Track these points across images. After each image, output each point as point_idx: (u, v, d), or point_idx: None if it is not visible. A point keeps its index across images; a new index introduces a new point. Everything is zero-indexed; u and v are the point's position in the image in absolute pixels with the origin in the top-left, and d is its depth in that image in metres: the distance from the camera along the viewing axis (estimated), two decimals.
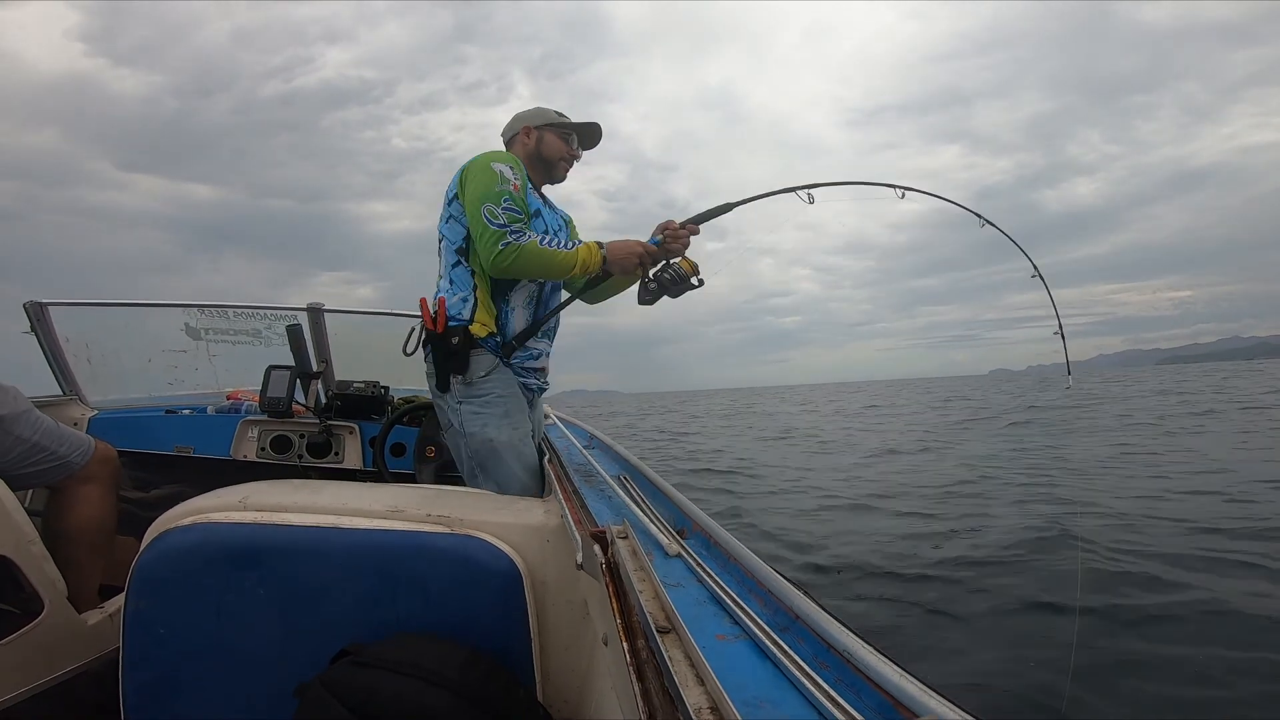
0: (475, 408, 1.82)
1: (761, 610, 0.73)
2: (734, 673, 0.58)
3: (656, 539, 1.01)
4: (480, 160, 1.84)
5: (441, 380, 1.85)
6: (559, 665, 1.18)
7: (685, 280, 1.87)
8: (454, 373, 1.82)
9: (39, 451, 1.69)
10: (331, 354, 3.14)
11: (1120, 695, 2.51)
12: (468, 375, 1.82)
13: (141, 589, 1.13)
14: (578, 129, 2.06)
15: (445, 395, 1.85)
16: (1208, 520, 4.84)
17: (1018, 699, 2.50)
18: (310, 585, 1.14)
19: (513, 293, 1.90)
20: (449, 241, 1.88)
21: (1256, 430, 11.07)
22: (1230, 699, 2.43)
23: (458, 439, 1.86)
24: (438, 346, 1.84)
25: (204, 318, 3.06)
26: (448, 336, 1.82)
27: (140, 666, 1.13)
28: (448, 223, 1.89)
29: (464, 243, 1.85)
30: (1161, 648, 2.85)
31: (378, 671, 0.96)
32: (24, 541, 1.52)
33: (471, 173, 1.82)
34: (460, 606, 1.14)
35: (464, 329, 1.82)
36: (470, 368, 1.82)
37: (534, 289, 1.95)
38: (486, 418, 1.81)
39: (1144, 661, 2.74)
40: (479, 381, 1.83)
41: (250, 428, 2.76)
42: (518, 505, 1.38)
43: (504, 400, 1.85)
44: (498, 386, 1.84)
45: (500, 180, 1.78)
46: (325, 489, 1.32)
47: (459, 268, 1.87)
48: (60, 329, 2.70)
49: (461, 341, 1.81)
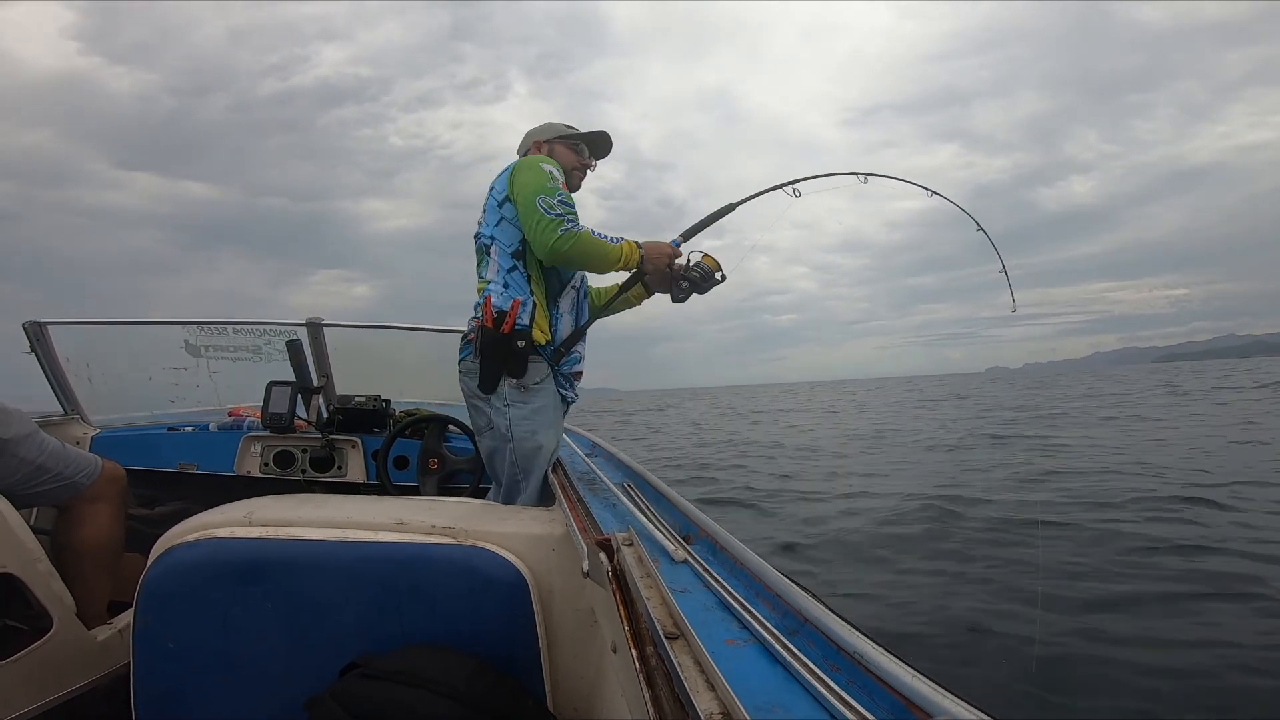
0: (526, 412, 1.83)
1: (770, 614, 0.73)
2: (744, 678, 0.58)
3: (662, 545, 1.00)
4: (530, 160, 1.89)
5: (488, 381, 1.83)
6: (567, 673, 1.18)
7: (711, 276, 2.02)
8: (508, 375, 1.81)
9: (44, 473, 1.69)
10: (332, 368, 3.14)
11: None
12: (524, 380, 1.82)
13: (149, 605, 1.13)
14: (586, 139, 2.11)
15: (490, 397, 1.84)
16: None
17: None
18: (317, 598, 1.14)
19: (561, 299, 1.93)
20: (502, 245, 1.88)
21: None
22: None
23: (502, 442, 1.85)
24: (496, 347, 1.82)
25: (203, 334, 3.06)
26: (513, 339, 1.81)
27: (150, 681, 1.13)
28: (498, 225, 1.90)
29: (520, 245, 1.87)
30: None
31: (387, 684, 0.96)
32: (30, 559, 1.52)
33: (523, 171, 1.86)
34: (467, 617, 1.14)
35: (528, 333, 1.83)
36: (528, 372, 1.82)
37: (574, 296, 1.99)
38: (537, 423, 1.83)
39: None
40: (534, 387, 1.83)
41: (253, 443, 2.75)
42: (522, 515, 1.38)
43: (550, 410, 1.87)
44: (548, 394, 1.87)
45: (551, 178, 1.83)
46: (329, 503, 1.32)
47: (515, 272, 1.87)
48: (60, 348, 2.70)
49: (526, 345, 1.82)
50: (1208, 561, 3.96)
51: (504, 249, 1.88)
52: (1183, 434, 11.00)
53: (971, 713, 0.45)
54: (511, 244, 1.87)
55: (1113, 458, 8.44)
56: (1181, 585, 3.57)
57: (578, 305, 2.01)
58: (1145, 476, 6.82)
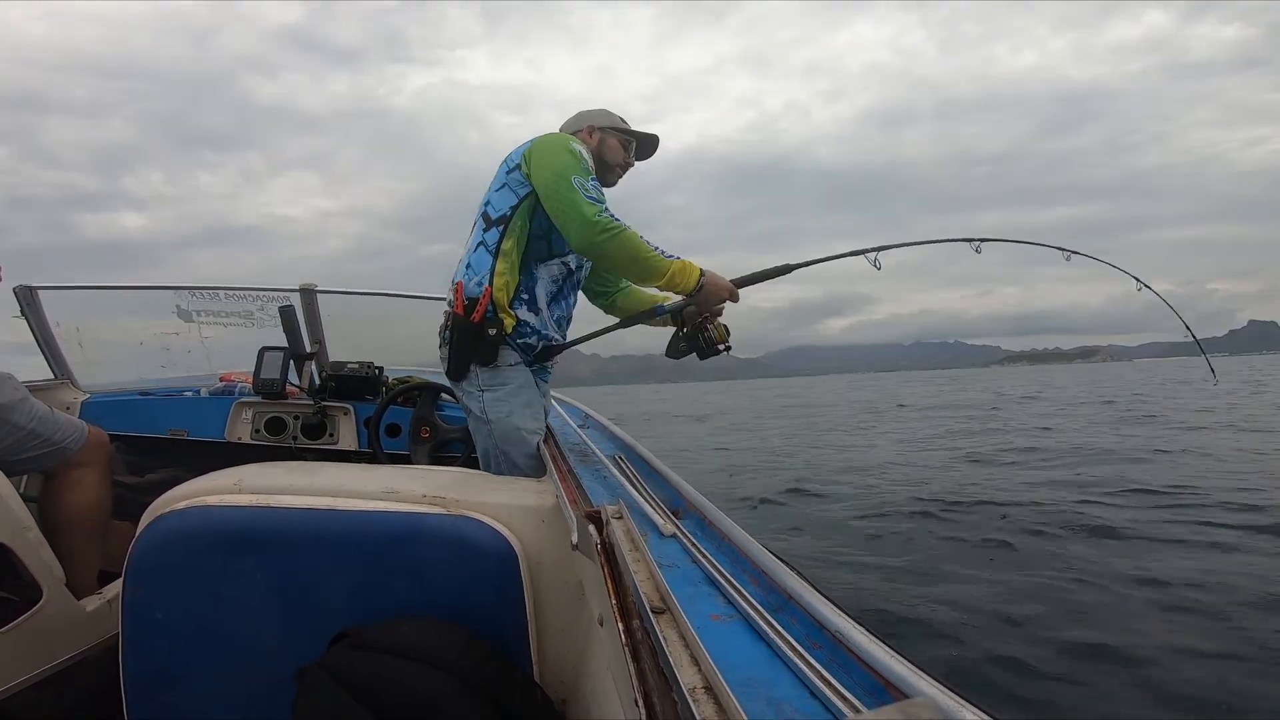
0: (499, 395, 1.80)
1: (755, 591, 0.74)
2: (728, 653, 0.59)
3: (651, 519, 1.01)
4: (560, 138, 1.79)
5: (457, 368, 1.81)
6: (555, 646, 1.19)
7: (713, 346, 1.92)
8: (477, 362, 1.79)
9: (35, 438, 1.69)
10: (325, 335, 3.12)
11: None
12: (495, 363, 1.79)
13: (139, 574, 1.13)
14: (638, 137, 2.02)
15: (462, 383, 1.83)
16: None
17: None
18: (307, 568, 1.14)
19: (542, 266, 1.86)
20: (493, 209, 1.81)
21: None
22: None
23: (480, 425, 1.84)
24: (466, 336, 1.79)
25: (195, 300, 3.04)
26: (484, 327, 1.77)
27: (139, 652, 1.13)
28: (499, 190, 1.81)
29: (509, 211, 1.79)
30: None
31: (377, 655, 0.97)
32: (20, 528, 1.52)
33: (549, 147, 1.76)
34: (457, 588, 1.15)
35: (500, 321, 1.77)
36: (499, 357, 1.79)
37: (562, 271, 1.92)
38: (511, 405, 1.80)
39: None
40: (506, 369, 1.80)
41: (244, 410, 2.75)
42: (514, 485, 1.38)
43: (525, 389, 1.84)
44: (520, 375, 1.83)
45: (585, 161, 1.74)
46: (320, 471, 1.32)
47: (491, 232, 1.79)
48: (51, 313, 2.68)
49: (497, 334, 1.77)
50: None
51: (492, 212, 1.81)
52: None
53: (946, 694, 0.46)
54: (501, 209, 1.80)
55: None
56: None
57: (562, 283, 1.94)
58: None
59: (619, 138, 1.98)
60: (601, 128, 1.97)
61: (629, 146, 2.01)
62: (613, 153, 1.97)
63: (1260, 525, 4.57)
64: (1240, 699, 2.44)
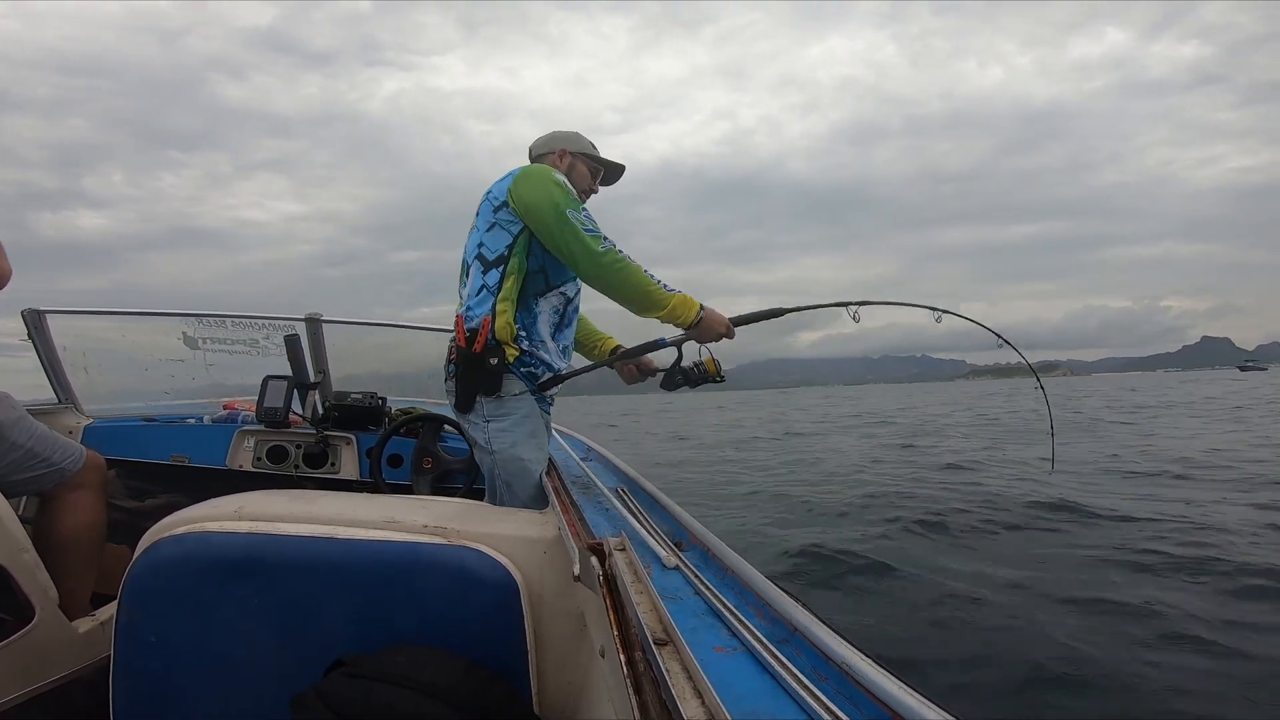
0: (504, 425, 1.80)
1: (760, 623, 0.73)
2: (732, 685, 0.58)
3: (654, 551, 1.01)
4: (542, 171, 1.81)
5: (464, 401, 1.81)
6: (555, 678, 1.17)
7: (706, 377, 1.97)
8: (482, 393, 1.78)
9: (33, 458, 1.69)
10: (329, 365, 3.13)
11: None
12: (500, 394, 1.79)
13: (134, 598, 1.12)
14: (606, 165, 2.06)
15: (468, 415, 1.82)
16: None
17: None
18: (305, 596, 1.13)
19: (539, 316, 1.87)
20: (487, 250, 1.82)
21: None
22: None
23: (484, 456, 1.83)
24: (470, 367, 1.79)
25: (201, 327, 3.06)
26: (485, 357, 1.77)
27: (130, 675, 1.12)
28: (490, 231, 1.82)
29: (505, 250, 1.80)
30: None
31: (373, 683, 0.96)
32: (17, 549, 1.51)
33: (534, 183, 1.77)
34: (457, 617, 1.14)
35: (501, 351, 1.78)
36: (503, 388, 1.79)
37: (560, 302, 1.94)
38: (515, 436, 1.79)
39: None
40: (510, 399, 1.80)
41: (246, 438, 2.75)
42: (515, 516, 1.37)
43: (529, 420, 1.83)
44: (524, 406, 1.82)
45: (570, 192, 1.77)
46: (321, 499, 1.32)
47: (491, 273, 1.80)
48: (57, 338, 2.70)
49: (499, 364, 1.77)
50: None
51: (488, 254, 1.82)
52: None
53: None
54: (498, 249, 1.81)
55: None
56: None
57: (564, 313, 1.95)
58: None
59: (589, 164, 2.02)
60: (574, 153, 2.01)
61: (597, 174, 2.05)
62: (581, 179, 2.00)
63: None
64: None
